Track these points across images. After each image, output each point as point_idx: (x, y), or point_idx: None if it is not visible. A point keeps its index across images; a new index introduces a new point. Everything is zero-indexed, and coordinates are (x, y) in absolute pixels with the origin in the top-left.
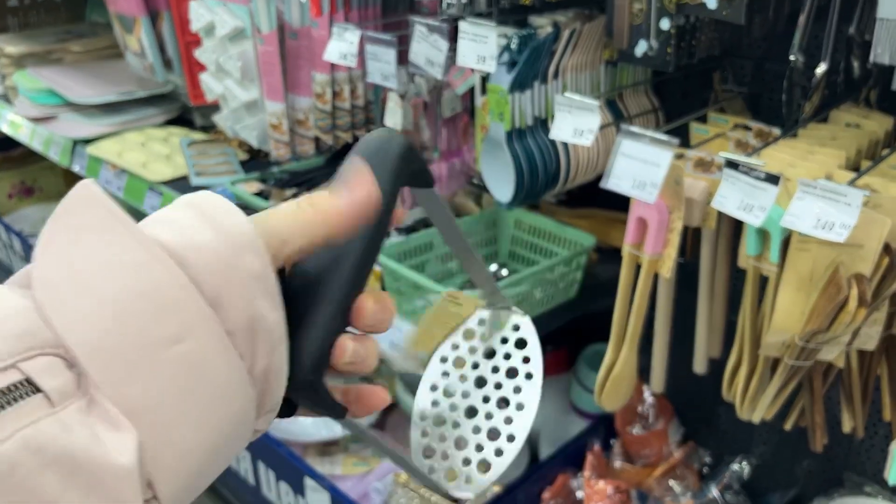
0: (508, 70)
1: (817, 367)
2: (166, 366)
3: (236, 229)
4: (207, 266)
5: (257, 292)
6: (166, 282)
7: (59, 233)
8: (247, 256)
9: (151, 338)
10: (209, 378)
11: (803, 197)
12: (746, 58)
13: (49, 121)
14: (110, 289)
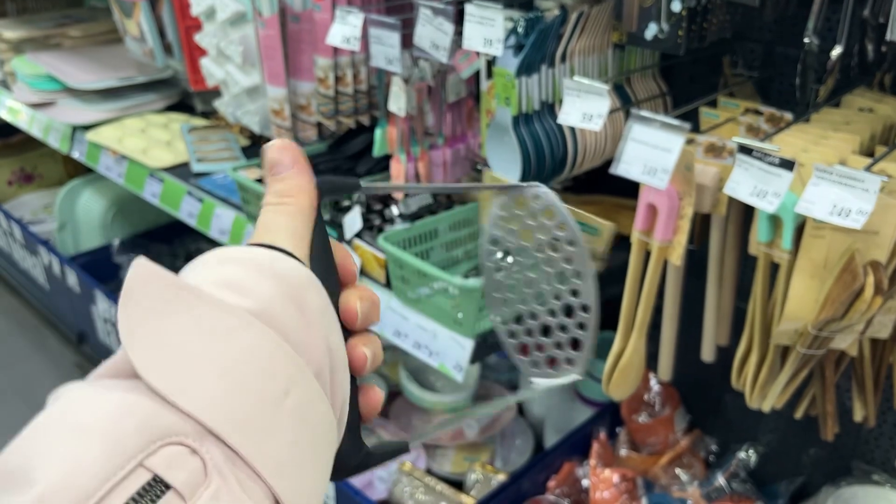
0: (515, 53)
1: (829, 356)
2: (286, 419)
3: (292, 272)
4: (283, 316)
5: (328, 327)
6: (260, 341)
7: (140, 317)
8: (309, 295)
9: (269, 396)
10: (315, 422)
11: (819, 183)
12: (757, 41)
13: (48, 106)
14: (219, 359)
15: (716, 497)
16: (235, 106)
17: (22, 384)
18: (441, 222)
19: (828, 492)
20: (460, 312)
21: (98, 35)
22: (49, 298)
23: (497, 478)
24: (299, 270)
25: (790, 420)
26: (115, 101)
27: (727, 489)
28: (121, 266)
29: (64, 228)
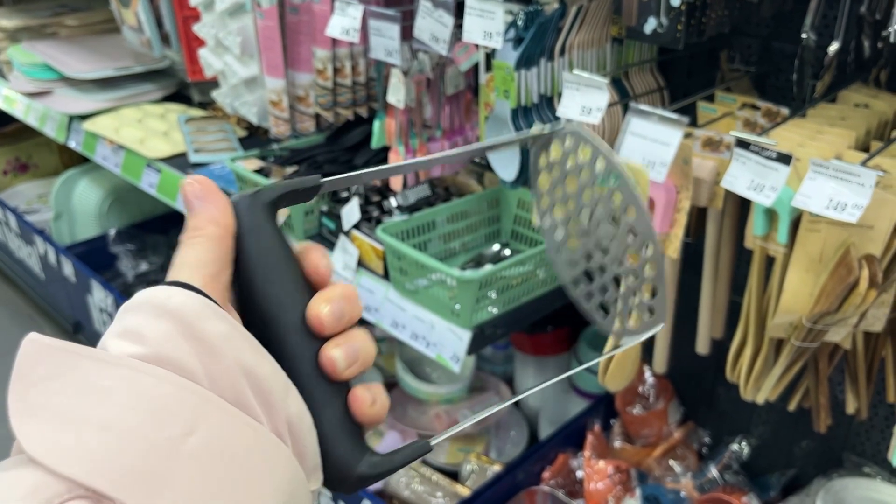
0: (514, 46)
1: (823, 349)
2: (189, 462)
3: (186, 305)
4: (179, 353)
5: (237, 350)
6: (151, 384)
7: (25, 391)
8: (207, 324)
9: (162, 441)
10: (238, 455)
11: (815, 177)
12: (754, 37)
13: (44, 96)
14: (102, 414)
15: (708, 488)
16: (233, 97)
17: None
18: (439, 214)
19: (819, 484)
20: (458, 304)
21: (95, 24)
22: (45, 288)
23: (492, 468)
24: (193, 302)
25: (783, 412)
26: (112, 90)
27: (720, 481)
28: (117, 256)
29: (60, 218)
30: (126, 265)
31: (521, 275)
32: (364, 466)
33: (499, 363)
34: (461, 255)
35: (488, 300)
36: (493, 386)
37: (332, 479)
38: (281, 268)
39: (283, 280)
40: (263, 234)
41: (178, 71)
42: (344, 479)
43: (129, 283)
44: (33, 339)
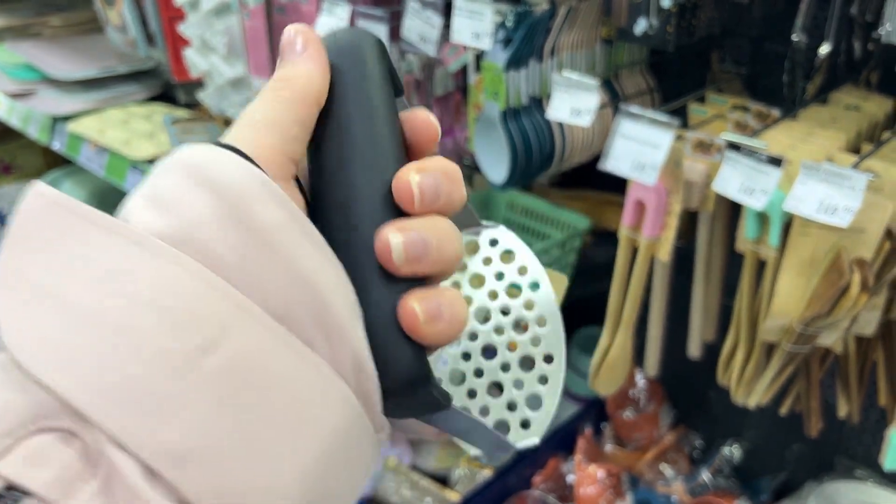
0: (504, 47)
1: (815, 353)
2: (204, 387)
3: (237, 178)
4: (218, 238)
5: (297, 249)
6: (175, 277)
7: (18, 261)
8: (263, 208)
9: (174, 356)
10: (271, 384)
11: (806, 180)
12: (745, 38)
13: (27, 96)
14: (105, 308)
15: (700, 492)
16: (219, 97)
17: None
18: None
19: (811, 487)
20: None
21: (79, 24)
22: None
23: (482, 473)
24: (249, 178)
25: (774, 416)
26: (97, 91)
27: (711, 485)
28: None
29: None
30: None
31: None
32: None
33: None
34: None
35: None
36: None
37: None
38: (374, 128)
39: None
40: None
41: (163, 71)
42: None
43: None
44: (40, 193)
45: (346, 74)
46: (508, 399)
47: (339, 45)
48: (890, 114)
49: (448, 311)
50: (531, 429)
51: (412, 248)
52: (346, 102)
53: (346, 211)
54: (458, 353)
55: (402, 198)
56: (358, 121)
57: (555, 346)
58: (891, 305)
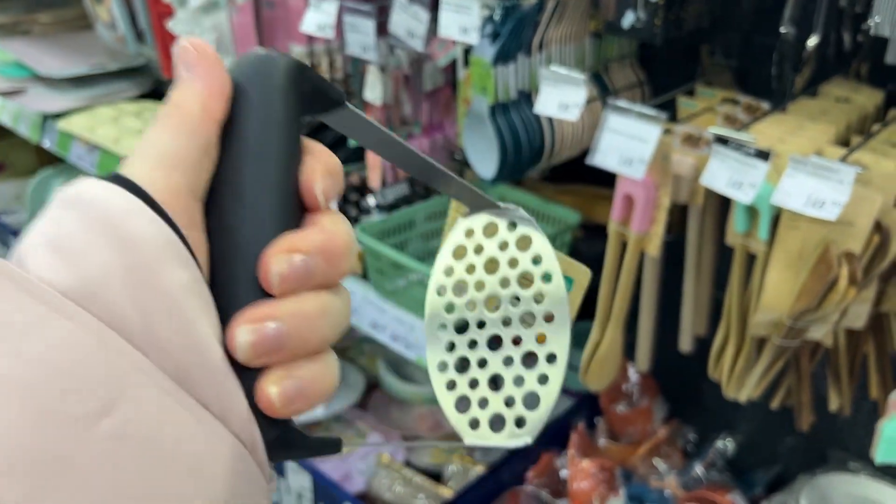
0: (492, 42)
1: (805, 346)
2: (100, 452)
3: (143, 234)
4: (119, 296)
5: (193, 312)
6: (71, 336)
7: None
8: (168, 269)
9: (67, 419)
10: (167, 446)
11: (794, 174)
12: (734, 30)
13: (18, 94)
14: (2, 367)
15: (693, 486)
16: None
17: None
18: (418, 213)
19: (804, 480)
20: None
21: (68, 21)
22: None
23: (475, 469)
24: (159, 234)
25: (767, 410)
26: (87, 88)
27: (705, 478)
28: None
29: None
30: None
31: None
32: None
33: None
34: None
35: None
36: None
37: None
38: (263, 173)
39: (258, 193)
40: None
41: (153, 68)
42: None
43: None
44: None
45: (245, 96)
46: (507, 395)
47: (244, 65)
48: (880, 106)
49: (309, 390)
50: (525, 428)
51: (261, 346)
52: (240, 135)
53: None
54: (465, 340)
55: (264, 282)
56: (245, 165)
57: (559, 346)
58: (881, 298)
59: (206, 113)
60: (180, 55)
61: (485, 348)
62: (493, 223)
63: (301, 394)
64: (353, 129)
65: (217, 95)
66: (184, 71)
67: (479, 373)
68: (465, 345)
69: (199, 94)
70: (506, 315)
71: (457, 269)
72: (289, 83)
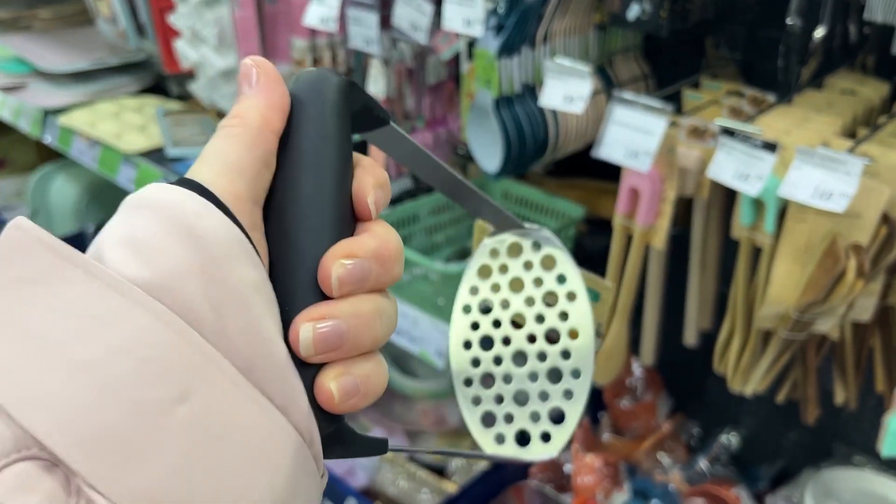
0: (496, 34)
1: (811, 340)
2: (175, 435)
3: (216, 235)
4: (193, 293)
5: (260, 309)
6: (151, 327)
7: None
8: (238, 267)
9: (147, 404)
10: (234, 434)
11: (801, 165)
12: (739, 23)
13: (18, 90)
14: (82, 353)
15: (698, 481)
16: (211, 89)
17: None
18: (422, 207)
19: (808, 474)
20: (441, 298)
21: (69, 17)
22: None
23: (479, 464)
24: (229, 235)
25: (772, 404)
26: (88, 84)
27: (709, 473)
28: None
29: (37, 215)
30: None
31: None
32: (340, 430)
33: None
34: (445, 249)
35: None
36: None
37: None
38: (320, 183)
39: (315, 201)
40: (315, 131)
41: (154, 63)
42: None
43: None
44: (20, 226)
45: (302, 111)
46: (532, 410)
47: (302, 82)
48: (886, 98)
49: (364, 387)
50: (550, 443)
51: (322, 342)
52: (297, 147)
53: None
54: (490, 357)
55: (323, 284)
56: (302, 175)
57: (584, 362)
58: (887, 291)
59: (266, 124)
60: (242, 72)
61: (510, 363)
62: (517, 243)
63: (357, 390)
64: (394, 147)
65: (276, 108)
66: (245, 86)
67: (505, 388)
68: (489, 361)
69: (259, 108)
70: (531, 332)
71: (482, 289)
72: (342, 100)
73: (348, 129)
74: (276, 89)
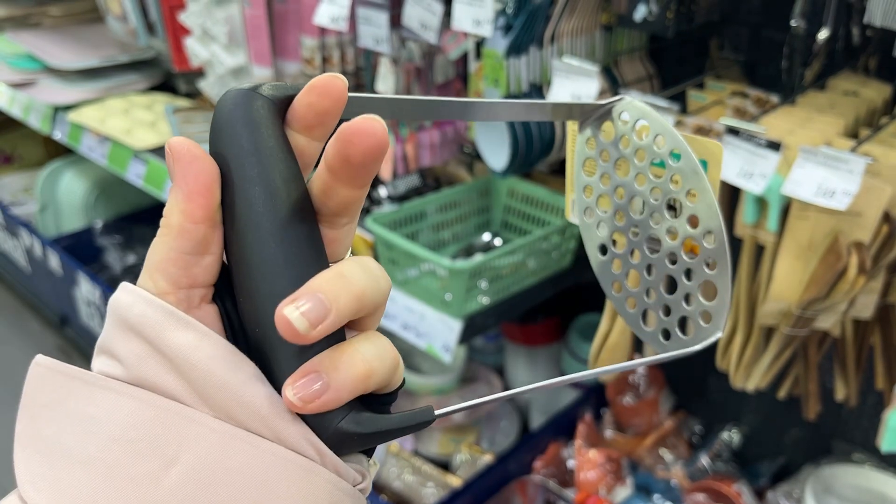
0: (504, 34)
1: (813, 336)
2: (171, 496)
3: (143, 317)
4: (153, 371)
5: (208, 362)
6: (132, 410)
7: (30, 421)
8: (172, 335)
9: (141, 477)
10: (234, 477)
11: (804, 164)
12: (743, 24)
13: (28, 86)
14: (87, 449)
15: (699, 477)
16: (220, 86)
17: (3, 368)
18: (429, 204)
19: (809, 471)
20: (448, 293)
21: (79, 14)
22: (30, 281)
23: (483, 458)
24: (153, 312)
25: (773, 401)
26: (98, 81)
27: (710, 469)
28: (104, 248)
29: (45, 210)
30: (113, 257)
31: (511, 265)
32: (346, 422)
33: (490, 354)
34: (452, 246)
35: (479, 290)
36: (485, 377)
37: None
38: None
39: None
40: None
41: (164, 61)
42: (319, 436)
43: (116, 275)
44: (38, 363)
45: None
46: (684, 292)
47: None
48: (888, 99)
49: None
50: (712, 322)
51: (312, 397)
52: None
53: (249, 306)
54: (625, 254)
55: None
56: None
57: (712, 221)
58: (888, 289)
59: (187, 218)
60: (167, 161)
61: (645, 251)
62: (608, 125)
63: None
64: (366, 111)
65: (194, 195)
66: (171, 177)
67: (650, 280)
68: (627, 258)
69: (179, 204)
70: (652, 210)
71: (593, 185)
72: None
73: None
74: (190, 173)
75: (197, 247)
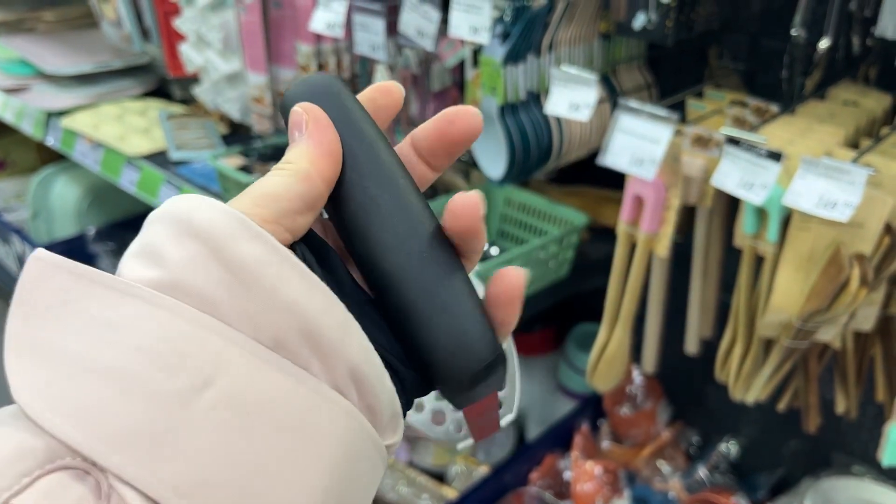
0: (502, 42)
1: (813, 348)
2: (204, 420)
3: (212, 221)
4: (203, 279)
5: (279, 279)
6: (164, 321)
7: (25, 325)
8: (241, 245)
9: (168, 396)
10: (270, 411)
11: (805, 175)
12: (743, 33)
13: (21, 91)
14: (106, 358)
15: (697, 489)
16: (215, 93)
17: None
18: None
19: (808, 483)
20: None
21: (73, 19)
22: None
23: (479, 470)
24: (225, 218)
25: (771, 412)
26: (91, 86)
27: (708, 481)
28: (96, 255)
29: (37, 217)
30: (106, 264)
31: None
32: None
33: None
34: None
35: None
36: None
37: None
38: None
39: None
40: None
41: (158, 66)
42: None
43: None
44: (39, 258)
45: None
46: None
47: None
48: (888, 109)
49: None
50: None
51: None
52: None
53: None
54: None
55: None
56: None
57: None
58: (889, 301)
59: (315, 169)
60: (293, 120)
61: None
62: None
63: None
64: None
65: (326, 154)
66: (296, 132)
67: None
68: None
69: (309, 153)
70: None
71: None
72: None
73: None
74: (325, 135)
75: (313, 200)
